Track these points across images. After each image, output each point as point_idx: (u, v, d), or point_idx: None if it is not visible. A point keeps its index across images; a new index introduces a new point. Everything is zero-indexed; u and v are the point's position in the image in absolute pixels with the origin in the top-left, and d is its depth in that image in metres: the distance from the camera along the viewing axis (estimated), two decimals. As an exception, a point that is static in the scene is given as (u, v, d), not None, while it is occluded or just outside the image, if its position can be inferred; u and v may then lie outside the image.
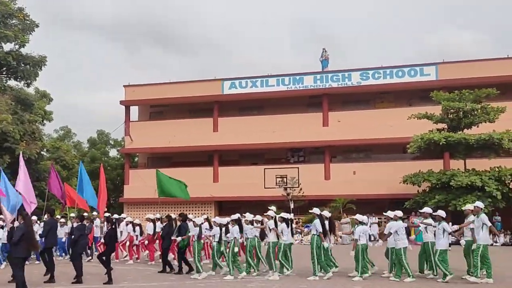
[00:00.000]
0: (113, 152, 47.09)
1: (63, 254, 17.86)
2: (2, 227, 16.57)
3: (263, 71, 57.41)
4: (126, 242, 17.08)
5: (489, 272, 11.60)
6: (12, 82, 24.97)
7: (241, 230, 13.40)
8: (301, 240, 25.14)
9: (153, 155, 36.67)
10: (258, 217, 14.32)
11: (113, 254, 14.64)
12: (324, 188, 30.41)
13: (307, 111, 33.28)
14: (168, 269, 14.30)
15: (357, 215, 13.54)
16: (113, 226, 13.33)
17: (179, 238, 13.85)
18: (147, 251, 17.47)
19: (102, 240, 15.42)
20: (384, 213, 13.67)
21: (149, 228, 16.78)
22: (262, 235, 13.85)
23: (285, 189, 27.54)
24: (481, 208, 11.92)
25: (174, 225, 14.75)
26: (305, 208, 28.32)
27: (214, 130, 33.74)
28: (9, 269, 11.57)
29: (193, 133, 33.21)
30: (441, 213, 12.31)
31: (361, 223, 13.03)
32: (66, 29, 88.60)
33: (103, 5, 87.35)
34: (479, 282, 11.43)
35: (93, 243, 17.97)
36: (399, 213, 12.98)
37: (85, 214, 18.37)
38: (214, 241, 13.39)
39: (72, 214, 18.51)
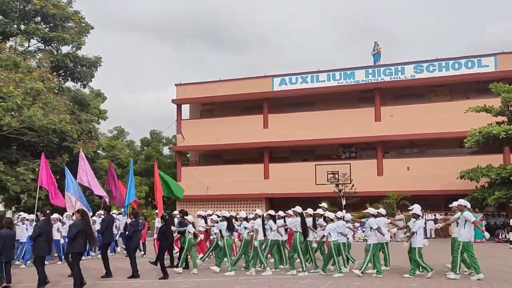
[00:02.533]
0: (166, 151, 48.18)
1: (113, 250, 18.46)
2: (63, 223, 17.36)
3: (314, 67, 57.09)
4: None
5: (476, 268, 11.77)
6: (69, 83, 26.09)
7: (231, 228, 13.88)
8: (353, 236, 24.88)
9: (204, 152, 37.25)
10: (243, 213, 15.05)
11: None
12: (377, 184, 29.97)
13: (358, 106, 32.86)
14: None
15: (369, 208, 13.78)
16: (167, 223, 13.70)
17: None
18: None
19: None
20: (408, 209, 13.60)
21: (200, 224, 17.10)
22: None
23: (337, 185, 27.35)
24: (465, 206, 12.16)
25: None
26: (357, 204, 28.06)
27: (264, 127, 33.88)
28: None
29: (243, 130, 33.48)
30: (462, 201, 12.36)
31: (374, 216, 13.15)
32: (117, 30, 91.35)
33: (152, 6, 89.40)
34: (458, 279, 11.71)
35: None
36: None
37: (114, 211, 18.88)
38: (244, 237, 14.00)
39: (115, 211, 19.08)
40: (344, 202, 26.28)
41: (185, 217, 14.70)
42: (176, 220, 15.38)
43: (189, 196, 34.23)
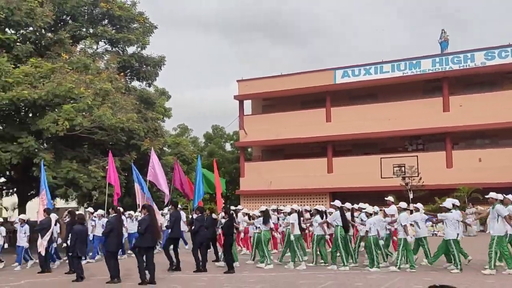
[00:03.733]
0: (228, 146, 48.89)
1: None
2: (131, 218, 18.05)
3: (377, 58, 55.90)
4: (241, 234, 17.66)
5: (509, 262, 11.66)
6: (135, 83, 27.00)
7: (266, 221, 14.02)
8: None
9: (266, 147, 37.47)
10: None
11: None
12: (446, 177, 28.99)
13: (425, 97, 31.90)
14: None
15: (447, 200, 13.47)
16: (231, 218, 13.94)
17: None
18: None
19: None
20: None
21: (244, 220, 17.26)
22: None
23: (403, 178, 26.74)
24: (496, 199, 11.87)
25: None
26: (425, 198, 27.29)
27: (327, 121, 33.62)
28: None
29: (305, 125, 33.37)
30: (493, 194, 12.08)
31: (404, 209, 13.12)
32: (178, 28, 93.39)
33: (210, 2, 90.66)
34: (494, 274, 11.50)
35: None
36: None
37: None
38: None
39: (180, 206, 19.47)
40: (411, 196, 25.66)
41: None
42: (240, 215, 15.62)
43: (252, 191, 34.64)
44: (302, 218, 14.90)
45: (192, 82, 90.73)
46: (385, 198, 15.21)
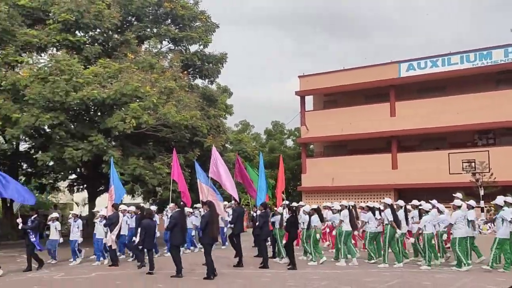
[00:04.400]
0: (290, 142, 48.89)
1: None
2: (193, 214, 18.45)
3: (444, 49, 53.98)
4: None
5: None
6: (198, 81, 27.56)
7: (321, 219, 14.34)
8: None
9: (329, 143, 37.17)
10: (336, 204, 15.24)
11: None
12: (520, 173, 27.61)
13: (496, 89, 30.51)
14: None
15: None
16: (294, 214, 13.97)
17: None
18: (327, 242, 17.92)
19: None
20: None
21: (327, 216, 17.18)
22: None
23: (474, 174, 25.74)
24: (501, 206, 12.23)
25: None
26: (497, 194, 26.08)
27: (391, 115, 32.91)
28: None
29: (369, 120, 32.81)
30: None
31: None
32: (239, 24, 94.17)
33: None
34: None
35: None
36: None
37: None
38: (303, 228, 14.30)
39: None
40: (482, 192, 24.67)
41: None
42: (302, 213, 15.58)
43: (314, 188, 34.48)
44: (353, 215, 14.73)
45: (252, 78, 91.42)
46: (453, 195, 14.77)
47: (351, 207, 14.32)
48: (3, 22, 19.65)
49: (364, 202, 21.72)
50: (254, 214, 15.33)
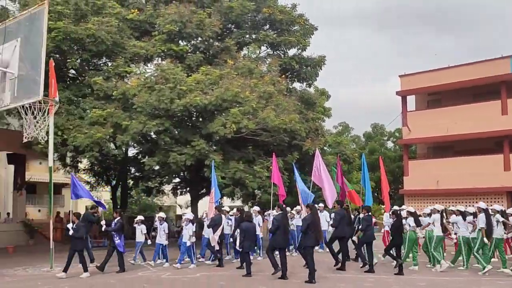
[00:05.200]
0: (390, 144, 47.64)
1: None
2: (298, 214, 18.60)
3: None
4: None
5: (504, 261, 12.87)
6: (296, 84, 27.78)
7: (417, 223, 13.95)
8: None
9: (432, 144, 35.68)
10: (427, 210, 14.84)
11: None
12: None
13: None
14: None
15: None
16: (399, 218, 13.66)
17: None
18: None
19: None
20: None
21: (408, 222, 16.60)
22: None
23: None
24: (482, 208, 13.13)
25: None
26: None
27: (502, 113, 30.87)
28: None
29: (476, 119, 31.02)
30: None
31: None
32: (336, 25, 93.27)
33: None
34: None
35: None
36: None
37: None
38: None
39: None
40: None
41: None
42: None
43: (418, 191, 33.24)
44: (444, 219, 14.21)
45: (351, 79, 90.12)
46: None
47: (442, 211, 13.84)
48: (114, 35, 21.18)
49: (472, 206, 20.68)
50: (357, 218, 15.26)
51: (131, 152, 27.06)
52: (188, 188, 28.53)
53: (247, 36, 25.68)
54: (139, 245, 16.07)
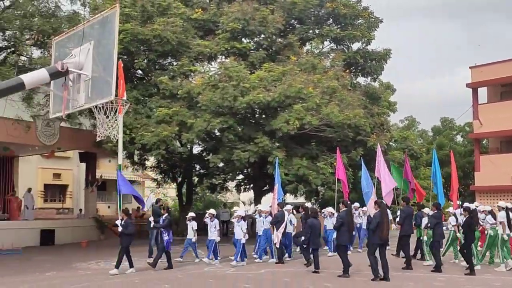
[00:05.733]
0: (459, 138, 46.02)
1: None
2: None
3: None
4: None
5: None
6: (360, 79, 27.45)
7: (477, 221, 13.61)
8: None
9: (506, 138, 34.17)
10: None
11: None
12: None
13: None
14: None
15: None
16: (471, 215, 13.25)
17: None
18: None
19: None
20: None
21: (500, 216, 15.96)
22: None
23: None
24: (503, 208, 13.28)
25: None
26: None
27: None
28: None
29: (556, 111, 29.44)
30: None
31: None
32: (402, 17, 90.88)
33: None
34: None
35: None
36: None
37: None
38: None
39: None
40: None
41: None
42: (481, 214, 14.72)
43: (489, 187, 31.95)
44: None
45: (417, 72, 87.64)
46: None
47: (508, 208, 13.29)
48: (179, 35, 21.78)
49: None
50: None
51: (196, 149, 27.69)
52: (251, 185, 28.85)
53: (310, 31, 25.62)
54: (189, 242, 16.10)
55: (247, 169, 25.74)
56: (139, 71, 24.35)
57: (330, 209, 17.39)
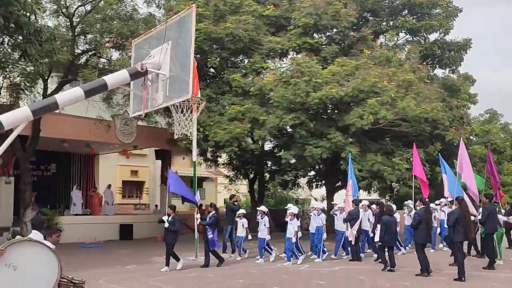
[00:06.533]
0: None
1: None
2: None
3: None
4: None
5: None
6: (437, 71, 26.63)
7: None
8: None
9: None
10: None
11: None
12: None
13: None
14: None
15: None
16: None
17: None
18: None
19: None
20: None
21: None
22: None
23: None
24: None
25: None
26: None
27: None
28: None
29: None
30: None
31: None
32: (481, 4, 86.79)
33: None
34: None
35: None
36: None
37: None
38: None
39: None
40: None
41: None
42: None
43: None
44: None
45: (498, 62, 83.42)
46: None
47: None
48: (251, 33, 22.13)
49: None
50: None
51: (267, 146, 28.00)
52: (323, 181, 28.79)
53: (384, 23, 25.20)
54: (241, 240, 16.09)
55: (319, 165, 25.73)
56: (212, 70, 24.96)
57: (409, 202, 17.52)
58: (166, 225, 13.80)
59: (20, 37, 14.99)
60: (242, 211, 16.76)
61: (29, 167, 21.39)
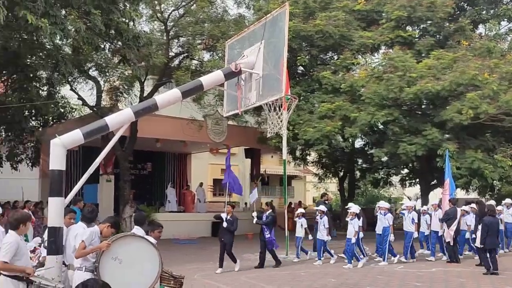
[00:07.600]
0: None
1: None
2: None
3: None
4: None
5: None
6: None
7: None
8: None
9: None
10: None
11: None
12: None
13: None
14: None
15: None
16: None
17: None
18: None
19: None
20: None
21: None
22: None
23: None
24: None
25: None
26: None
27: None
28: None
29: None
30: None
31: None
32: None
33: None
34: None
35: None
36: None
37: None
38: None
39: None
40: None
41: None
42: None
43: None
44: None
45: None
46: None
47: None
48: (341, 29, 21.95)
49: None
50: None
51: (358, 143, 27.67)
52: (417, 179, 27.99)
53: (484, 12, 23.98)
54: (299, 240, 15.75)
55: (412, 162, 25.03)
56: (301, 68, 25.04)
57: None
58: (225, 224, 13.51)
59: (120, 43, 15.94)
60: (301, 210, 16.60)
61: (128, 166, 22.65)
